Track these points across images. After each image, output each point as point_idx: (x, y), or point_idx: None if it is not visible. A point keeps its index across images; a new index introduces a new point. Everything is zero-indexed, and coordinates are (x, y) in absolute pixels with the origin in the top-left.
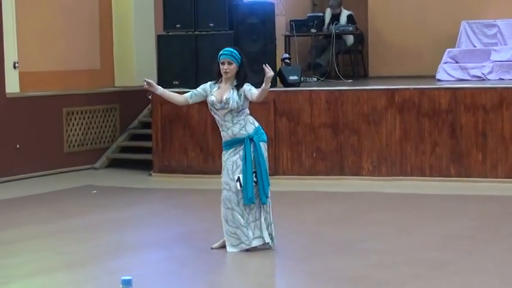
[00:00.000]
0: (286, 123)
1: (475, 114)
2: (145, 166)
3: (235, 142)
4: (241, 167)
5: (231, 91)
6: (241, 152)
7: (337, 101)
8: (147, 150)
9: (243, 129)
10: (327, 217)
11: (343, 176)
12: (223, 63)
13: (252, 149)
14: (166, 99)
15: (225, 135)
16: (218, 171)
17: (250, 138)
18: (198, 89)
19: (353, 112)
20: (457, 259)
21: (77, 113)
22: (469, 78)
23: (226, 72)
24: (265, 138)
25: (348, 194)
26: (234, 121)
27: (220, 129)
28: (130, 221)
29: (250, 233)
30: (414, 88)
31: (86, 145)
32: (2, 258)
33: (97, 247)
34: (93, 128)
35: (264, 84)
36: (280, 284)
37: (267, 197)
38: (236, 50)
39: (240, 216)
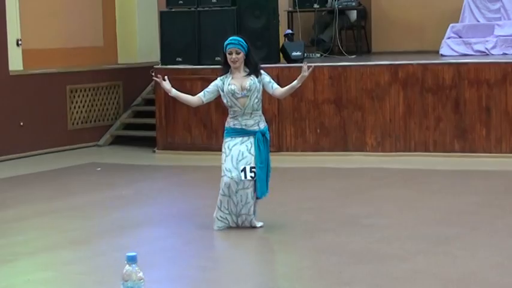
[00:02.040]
0: (289, 100)
1: (478, 89)
2: (149, 143)
3: (244, 133)
4: (247, 158)
5: (251, 78)
6: (248, 144)
7: (341, 76)
8: (151, 127)
9: (257, 124)
10: (331, 193)
11: (347, 152)
12: (230, 53)
13: (264, 145)
14: (181, 101)
15: (236, 124)
16: (221, 148)
17: (263, 134)
18: (210, 86)
19: (356, 88)
20: (461, 234)
21: (81, 91)
22: (472, 53)
23: (234, 62)
24: (268, 137)
25: (352, 169)
26: (253, 115)
27: (232, 116)
28: (135, 198)
29: (239, 223)
30: (418, 63)
31: (90, 122)
32: (7, 236)
33: (101, 224)
34: (96, 105)
35: (296, 81)
36: (283, 260)
37: (267, 191)
38: (241, 38)
39: (234, 206)
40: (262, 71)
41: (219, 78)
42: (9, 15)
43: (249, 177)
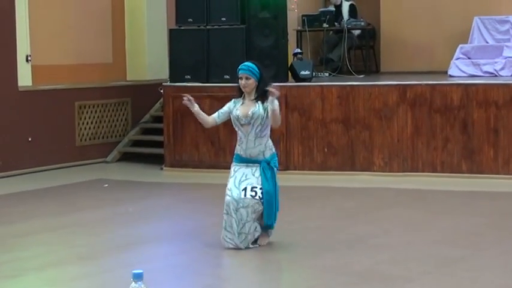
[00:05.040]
0: (297, 118)
1: (487, 110)
2: (157, 160)
3: (250, 162)
4: (250, 180)
5: (256, 105)
6: (253, 168)
7: (349, 96)
8: (159, 144)
9: (262, 154)
10: (338, 212)
11: (355, 172)
12: (241, 78)
13: (270, 173)
14: (198, 119)
15: (241, 152)
16: (229, 166)
17: (267, 162)
18: (224, 107)
19: (364, 107)
20: (467, 255)
21: (89, 107)
22: (481, 74)
23: (244, 87)
24: (277, 164)
25: (359, 189)
26: (256, 143)
27: (238, 143)
28: (142, 215)
29: (239, 242)
30: (426, 84)
31: (98, 139)
32: (14, 251)
33: (108, 241)
34: (105, 121)
35: (269, 106)
36: (290, 279)
37: (275, 220)
38: (255, 64)
39: (236, 224)
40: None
41: (233, 100)
42: (19, 31)
43: (248, 196)
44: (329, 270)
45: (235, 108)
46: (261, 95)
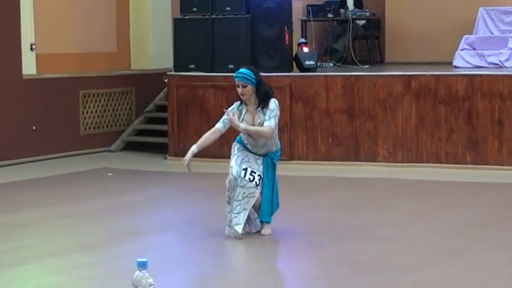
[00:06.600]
0: (302, 108)
1: (491, 101)
2: (161, 149)
3: (254, 153)
4: (252, 164)
5: (261, 115)
6: (257, 157)
7: (353, 86)
8: (163, 133)
9: (268, 151)
10: (342, 203)
11: (359, 162)
12: (238, 86)
13: (271, 169)
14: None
15: (248, 146)
16: None
17: (271, 159)
18: (225, 116)
19: (369, 98)
20: (471, 246)
21: (93, 96)
22: (486, 65)
23: (242, 95)
24: (278, 159)
25: (363, 180)
26: (265, 145)
27: (246, 141)
28: (146, 204)
29: (240, 219)
30: (431, 74)
31: (102, 128)
32: (18, 239)
33: (112, 230)
34: (109, 110)
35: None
36: (293, 269)
37: (271, 215)
38: (250, 69)
39: (232, 200)
40: (271, 102)
41: (235, 104)
42: (23, 20)
43: (247, 178)
44: (332, 260)
45: (240, 117)
46: (262, 102)
